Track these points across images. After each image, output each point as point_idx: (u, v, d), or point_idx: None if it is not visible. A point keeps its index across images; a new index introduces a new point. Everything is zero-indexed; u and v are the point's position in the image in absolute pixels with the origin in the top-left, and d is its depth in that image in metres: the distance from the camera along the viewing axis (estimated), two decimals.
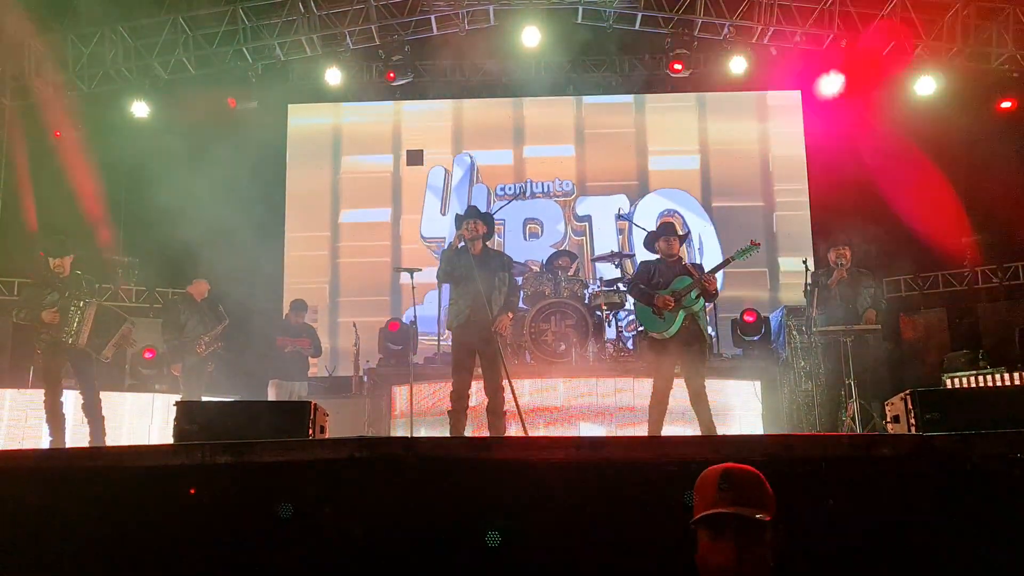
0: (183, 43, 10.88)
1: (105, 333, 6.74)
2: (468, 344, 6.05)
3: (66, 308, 6.56)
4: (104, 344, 6.74)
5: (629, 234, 12.35)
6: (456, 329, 6.09)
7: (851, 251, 6.84)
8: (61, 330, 6.51)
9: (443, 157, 12.88)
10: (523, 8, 11.10)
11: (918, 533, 2.86)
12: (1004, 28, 10.39)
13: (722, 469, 2.14)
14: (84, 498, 3.08)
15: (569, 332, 8.55)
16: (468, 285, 6.00)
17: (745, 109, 12.79)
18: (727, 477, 2.12)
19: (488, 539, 2.77)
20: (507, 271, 6.24)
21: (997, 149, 10.63)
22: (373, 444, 2.91)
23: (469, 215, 6.19)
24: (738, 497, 2.08)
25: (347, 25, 11.17)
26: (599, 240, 12.42)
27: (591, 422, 7.54)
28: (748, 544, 2.03)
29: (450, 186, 12.76)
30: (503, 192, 12.58)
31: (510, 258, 6.57)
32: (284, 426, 4.71)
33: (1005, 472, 2.94)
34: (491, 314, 5.95)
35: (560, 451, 2.99)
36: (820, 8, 10.60)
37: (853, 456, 2.82)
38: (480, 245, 6.15)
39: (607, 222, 12.44)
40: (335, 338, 12.02)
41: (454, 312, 6.08)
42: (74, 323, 6.57)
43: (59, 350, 6.59)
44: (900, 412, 4.77)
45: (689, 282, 6.14)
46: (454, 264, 6.05)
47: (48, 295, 6.57)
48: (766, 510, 2.07)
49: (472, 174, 12.79)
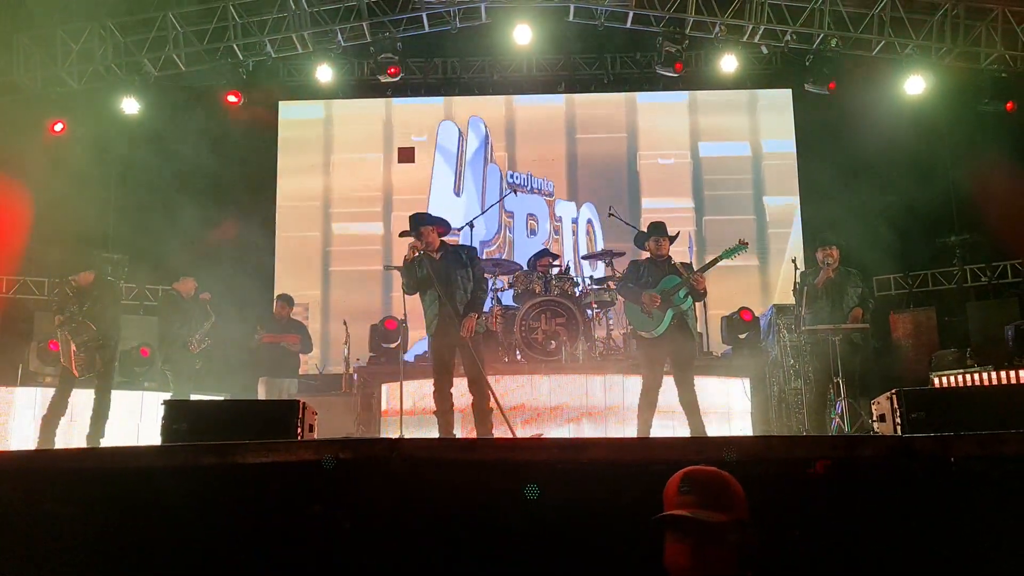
0: (173, 39, 10.83)
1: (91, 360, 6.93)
2: (443, 349, 6.08)
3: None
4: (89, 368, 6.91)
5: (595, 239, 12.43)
6: (431, 337, 6.14)
7: (839, 250, 6.87)
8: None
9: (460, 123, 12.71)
10: (515, 6, 11.09)
11: (899, 534, 2.88)
12: (993, 28, 10.43)
13: (685, 471, 2.18)
14: (68, 499, 3.08)
15: (559, 330, 8.57)
16: (434, 291, 6.01)
17: (736, 107, 12.82)
18: (688, 479, 2.16)
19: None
20: (469, 267, 6.17)
21: (986, 148, 10.68)
22: (357, 445, 2.92)
23: (414, 227, 6.11)
24: (698, 499, 2.11)
25: (338, 22, 11.14)
26: (567, 244, 12.47)
27: (581, 420, 7.56)
28: (706, 545, 2.06)
29: (465, 155, 12.62)
30: (512, 180, 12.55)
31: (472, 250, 6.49)
32: (273, 425, 4.72)
33: (986, 473, 2.97)
34: (459, 316, 5.95)
35: (545, 452, 3.00)
36: (811, 6, 10.62)
37: (834, 457, 2.84)
38: (436, 246, 6.13)
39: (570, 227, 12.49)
40: (326, 335, 12.01)
41: (427, 320, 6.14)
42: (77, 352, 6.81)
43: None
44: (886, 411, 4.80)
45: (677, 281, 6.18)
46: (413, 275, 6.06)
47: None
48: (727, 512, 2.09)
49: (487, 149, 12.68)
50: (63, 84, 11.00)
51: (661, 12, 11.02)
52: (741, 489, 2.18)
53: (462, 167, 12.58)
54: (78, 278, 6.88)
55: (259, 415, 5.08)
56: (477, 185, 12.45)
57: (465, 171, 12.55)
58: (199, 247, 10.32)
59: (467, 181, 12.53)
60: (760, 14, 10.78)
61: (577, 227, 12.40)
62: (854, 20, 10.70)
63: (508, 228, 12.37)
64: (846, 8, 10.63)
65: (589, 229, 12.45)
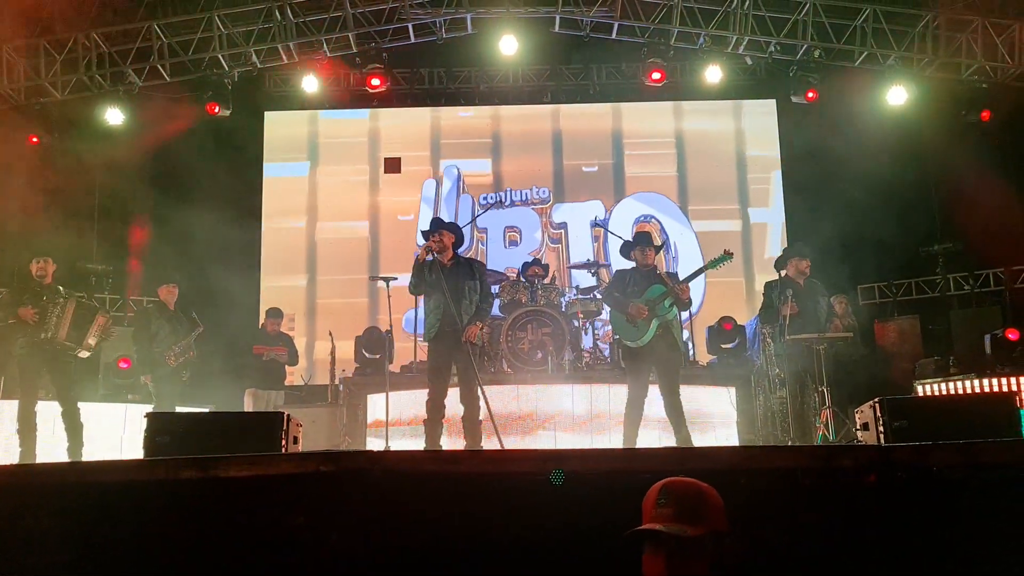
0: (158, 50, 10.81)
1: (84, 326, 6.70)
2: (442, 355, 6.11)
3: (44, 307, 6.54)
4: (83, 336, 6.69)
5: (604, 242, 12.41)
6: (430, 341, 6.16)
7: (809, 262, 6.97)
8: (40, 327, 6.48)
9: (422, 168, 12.88)
10: (500, 17, 11.13)
11: (879, 543, 2.89)
12: (973, 39, 10.54)
13: (663, 484, 2.19)
14: (50, 513, 3.06)
15: (546, 340, 8.58)
16: (438, 297, 6.06)
17: (721, 118, 12.90)
18: (665, 492, 2.17)
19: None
20: (478, 279, 6.28)
21: (968, 158, 10.78)
22: (339, 458, 2.92)
23: (434, 227, 6.26)
24: (675, 511, 2.12)
25: (324, 33, 11.15)
26: (575, 248, 12.47)
27: (567, 430, 7.56)
28: (680, 558, 2.07)
29: (441, 196, 12.79)
30: (486, 201, 12.62)
31: (482, 265, 6.63)
32: (257, 437, 4.70)
33: (965, 481, 2.99)
34: (461, 324, 6.00)
35: (528, 464, 3.00)
36: (794, 17, 10.71)
37: (814, 467, 2.85)
38: (450, 255, 6.22)
39: (583, 229, 12.49)
40: (311, 346, 11.98)
41: (428, 325, 6.17)
42: (52, 319, 6.54)
43: (36, 352, 6.55)
44: (869, 420, 4.84)
45: (663, 291, 6.20)
46: (423, 276, 6.11)
47: (26, 298, 6.56)
48: (704, 524, 2.10)
49: (459, 185, 12.83)
50: (47, 94, 10.95)
51: (646, 23, 11.09)
52: (720, 500, 2.19)
53: (439, 205, 12.73)
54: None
55: (243, 427, 5.06)
56: (451, 215, 12.55)
57: (440, 207, 12.71)
58: (184, 258, 10.26)
59: (443, 214, 12.64)
60: (744, 25, 10.86)
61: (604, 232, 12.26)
62: (837, 31, 10.80)
63: (480, 242, 12.42)
64: (829, 19, 10.72)
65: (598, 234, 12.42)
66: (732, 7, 10.76)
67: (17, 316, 6.47)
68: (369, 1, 10.92)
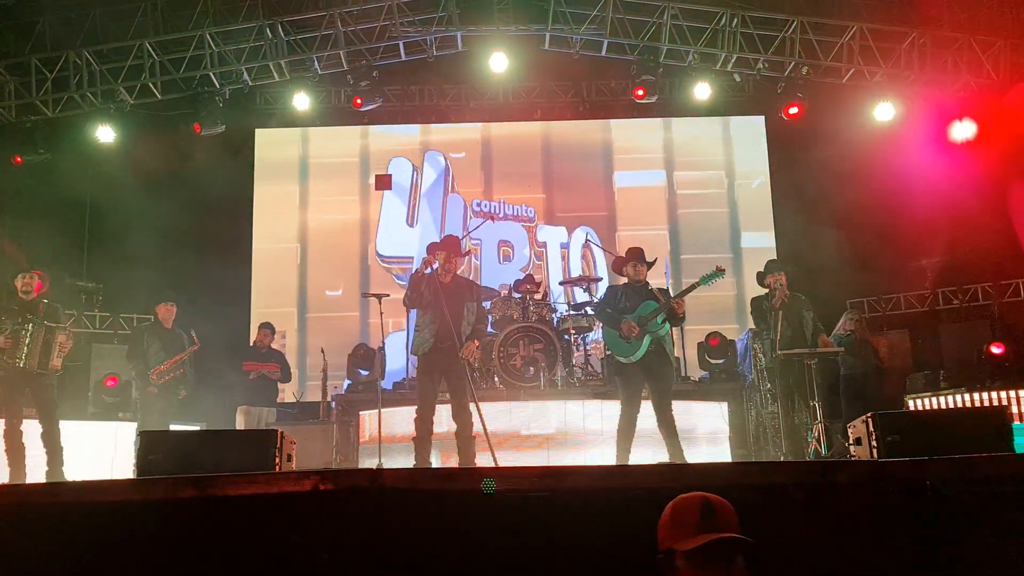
0: (149, 68, 10.82)
1: (48, 351, 6.66)
2: (433, 371, 6.09)
3: (18, 332, 6.50)
4: (48, 360, 6.64)
5: (594, 262, 12.45)
6: (422, 356, 6.13)
7: (786, 276, 7.00)
8: (13, 355, 6.45)
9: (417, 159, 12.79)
10: (490, 35, 11.21)
11: (876, 557, 2.91)
12: (959, 56, 10.67)
13: (702, 497, 2.18)
14: (43, 535, 3.03)
15: (538, 356, 8.60)
16: (435, 312, 6.04)
17: (710, 134, 12.99)
18: (709, 504, 2.16)
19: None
20: (476, 301, 6.29)
21: (955, 173, 10.88)
22: (338, 476, 2.91)
23: (444, 247, 6.23)
24: (724, 523, 2.12)
25: (315, 50, 11.19)
26: (553, 268, 12.52)
27: (559, 447, 7.55)
28: (741, 569, 2.07)
29: (419, 189, 12.67)
30: (479, 208, 12.60)
31: (479, 287, 6.63)
32: (250, 456, 4.68)
33: (959, 496, 3.01)
34: (458, 343, 5.97)
35: (524, 481, 3.00)
36: (782, 35, 10.83)
37: (810, 482, 2.87)
38: (451, 276, 6.20)
39: (559, 251, 12.54)
40: (303, 363, 11.94)
41: (420, 339, 6.12)
42: (24, 346, 6.50)
43: (15, 376, 6.52)
44: (862, 435, 4.86)
45: (655, 307, 6.22)
46: (421, 290, 6.08)
47: (7, 322, 6.52)
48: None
49: (447, 180, 12.74)
50: (38, 112, 10.94)
51: (635, 40, 11.18)
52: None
53: (416, 199, 12.62)
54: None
55: (236, 445, 5.04)
56: (435, 216, 12.48)
57: (420, 203, 12.58)
58: (174, 276, 10.23)
59: (422, 213, 12.57)
60: (732, 42, 10.97)
61: (568, 252, 12.36)
62: (824, 48, 10.93)
63: (474, 256, 12.40)
64: (816, 37, 10.85)
65: (586, 253, 12.45)
66: (720, 25, 10.87)
67: None
68: (360, 19, 10.98)
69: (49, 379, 6.71)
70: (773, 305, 6.92)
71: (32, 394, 6.68)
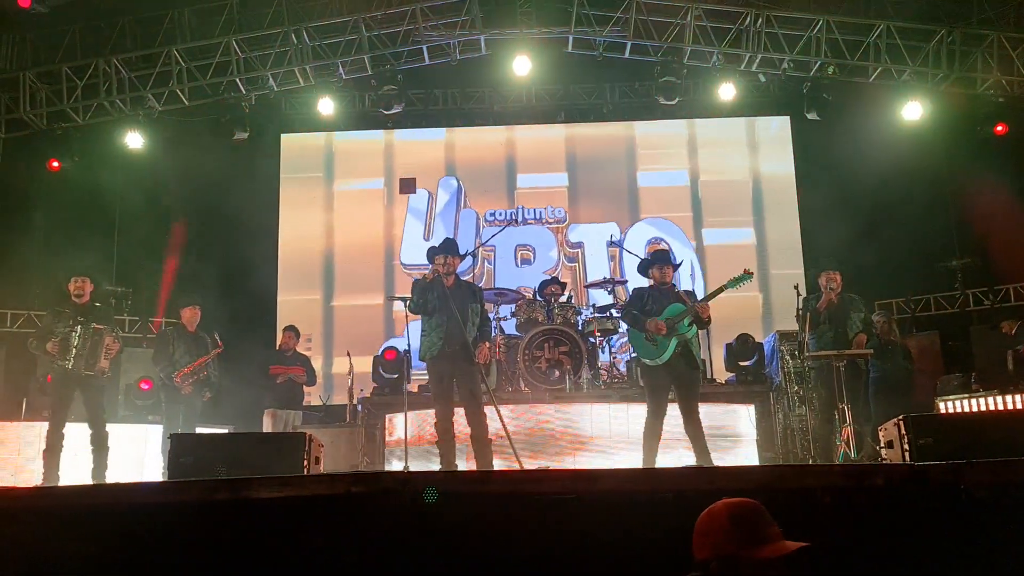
0: (177, 75, 10.95)
1: (96, 351, 6.77)
2: (444, 374, 6.12)
3: (68, 335, 6.62)
4: (96, 362, 6.75)
5: (620, 261, 12.40)
6: (430, 361, 6.17)
7: (841, 276, 6.88)
8: (63, 356, 6.58)
9: (433, 184, 12.95)
10: (514, 38, 11.22)
11: (911, 562, 2.87)
12: (989, 54, 10.54)
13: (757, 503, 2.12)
14: (80, 537, 3.07)
15: (563, 359, 8.57)
16: (441, 317, 6.08)
17: (735, 135, 12.91)
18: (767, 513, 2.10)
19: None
20: (479, 303, 6.35)
21: (986, 172, 10.74)
22: (369, 479, 2.93)
23: (443, 250, 6.27)
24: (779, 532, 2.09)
25: (340, 55, 11.26)
26: (592, 267, 12.47)
27: (585, 450, 7.53)
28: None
29: (434, 210, 12.79)
30: (493, 217, 12.64)
31: (481, 290, 6.71)
32: (279, 458, 4.73)
33: (997, 500, 2.97)
34: (468, 345, 6.00)
35: (555, 484, 3.00)
36: (807, 34, 10.74)
37: (846, 486, 2.84)
38: (453, 279, 6.25)
39: (599, 249, 12.48)
40: (329, 366, 12.00)
41: (427, 344, 6.16)
42: (72, 348, 6.62)
43: (67, 379, 6.67)
44: (894, 437, 4.81)
45: (682, 309, 6.19)
46: (426, 296, 6.12)
47: (60, 325, 6.66)
48: None
49: (460, 198, 12.84)
50: (68, 120, 11.11)
51: (659, 42, 11.14)
52: None
53: (431, 219, 12.73)
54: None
55: (266, 448, 5.09)
56: (448, 231, 12.54)
57: (435, 221, 12.71)
58: (202, 280, 10.34)
59: (437, 228, 12.65)
60: (757, 43, 10.90)
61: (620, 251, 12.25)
62: (850, 48, 10.82)
63: (487, 260, 12.43)
64: (842, 36, 10.75)
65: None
66: (745, 25, 10.81)
67: (45, 350, 6.65)
68: (384, 24, 11.04)
69: (97, 381, 6.84)
70: (818, 308, 6.83)
71: (81, 396, 6.82)
